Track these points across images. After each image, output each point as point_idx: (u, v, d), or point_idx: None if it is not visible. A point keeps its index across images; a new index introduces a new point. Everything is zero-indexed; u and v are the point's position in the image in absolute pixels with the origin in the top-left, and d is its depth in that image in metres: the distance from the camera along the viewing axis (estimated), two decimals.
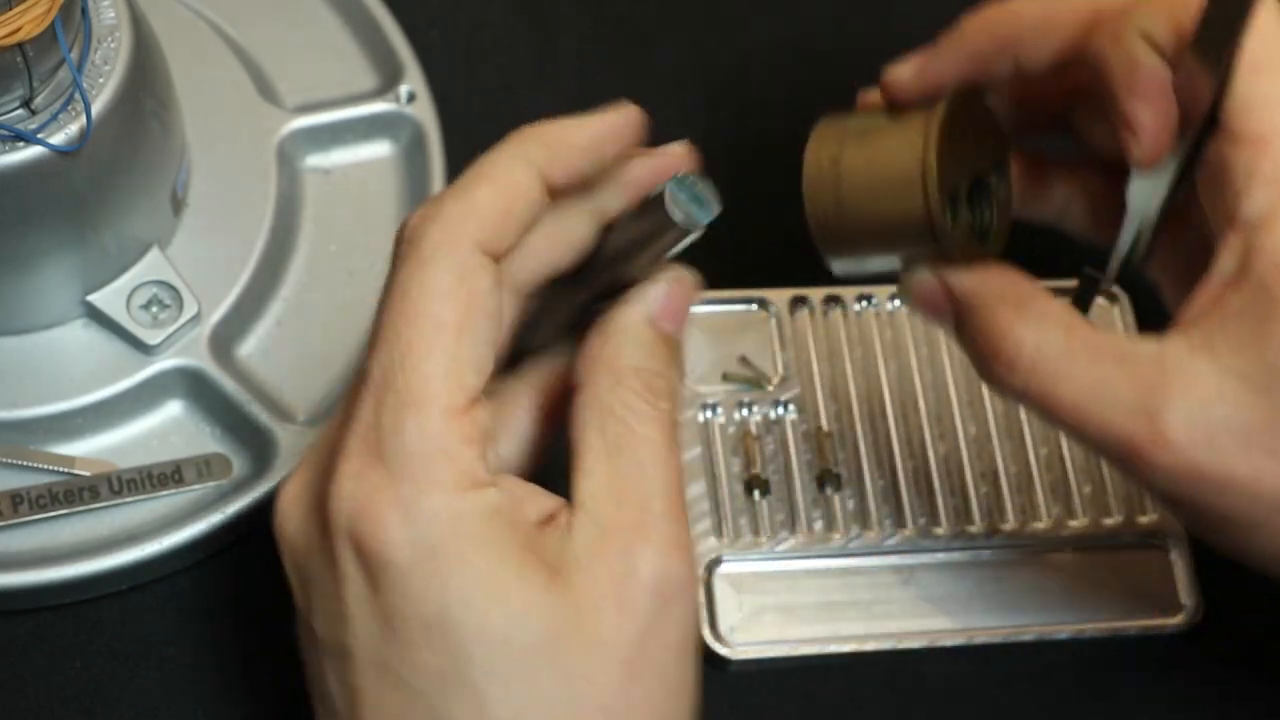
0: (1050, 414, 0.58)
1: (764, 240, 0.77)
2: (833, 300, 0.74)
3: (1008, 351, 0.58)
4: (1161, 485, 0.57)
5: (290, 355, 0.71)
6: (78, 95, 0.63)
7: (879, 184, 0.59)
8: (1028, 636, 0.68)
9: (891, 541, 0.70)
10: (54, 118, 0.63)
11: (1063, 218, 0.65)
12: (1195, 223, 0.60)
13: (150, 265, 0.69)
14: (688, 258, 0.60)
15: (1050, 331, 0.58)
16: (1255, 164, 0.55)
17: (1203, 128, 0.57)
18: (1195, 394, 0.55)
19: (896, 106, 0.62)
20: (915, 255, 0.60)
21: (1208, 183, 0.57)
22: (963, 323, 0.60)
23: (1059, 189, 0.65)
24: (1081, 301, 0.66)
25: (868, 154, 0.60)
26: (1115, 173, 0.61)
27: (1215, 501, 0.56)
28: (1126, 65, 0.57)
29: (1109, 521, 0.71)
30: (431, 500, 0.52)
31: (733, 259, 0.76)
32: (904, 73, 0.61)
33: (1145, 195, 0.60)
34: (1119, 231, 0.61)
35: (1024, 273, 0.60)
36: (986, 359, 0.59)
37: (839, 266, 0.62)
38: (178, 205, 0.71)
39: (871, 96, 0.63)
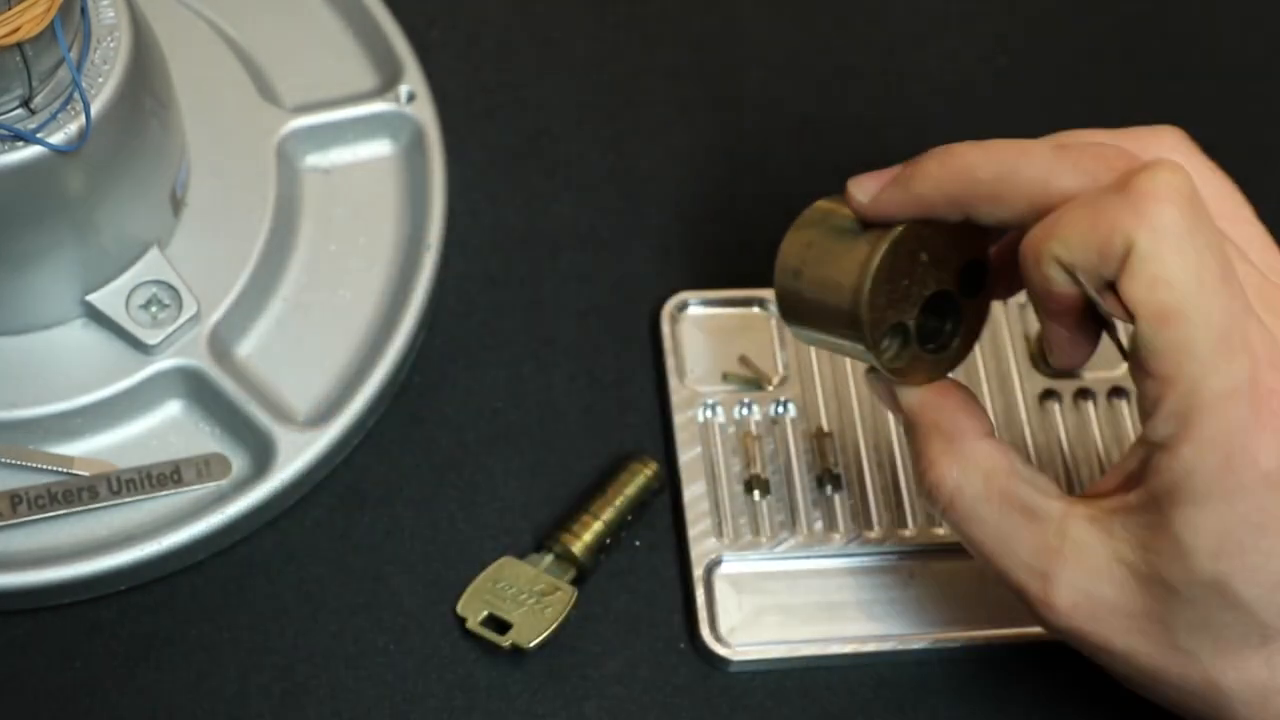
0: (962, 543, 0.62)
1: (764, 240, 0.77)
2: None
3: (931, 480, 0.62)
4: (1050, 634, 0.61)
5: (290, 355, 0.71)
6: (77, 95, 0.63)
7: (829, 308, 0.62)
8: (1029, 637, 0.68)
9: (892, 541, 0.70)
10: (53, 117, 0.63)
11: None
12: None
13: (149, 265, 0.69)
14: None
15: (971, 475, 0.61)
16: (1162, 397, 0.56)
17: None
18: (1085, 568, 0.59)
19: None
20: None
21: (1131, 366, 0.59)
22: (906, 431, 0.64)
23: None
24: None
25: (821, 275, 0.62)
26: None
27: (1094, 657, 0.61)
28: (1041, 287, 0.59)
29: None
30: None
31: (733, 259, 0.76)
32: (860, 195, 0.62)
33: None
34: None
35: (965, 397, 0.63)
36: (917, 473, 0.63)
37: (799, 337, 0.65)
38: (177, 205, 0.70)
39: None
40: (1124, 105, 0.82)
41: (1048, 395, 0.73)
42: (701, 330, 0.74)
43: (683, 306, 0.74)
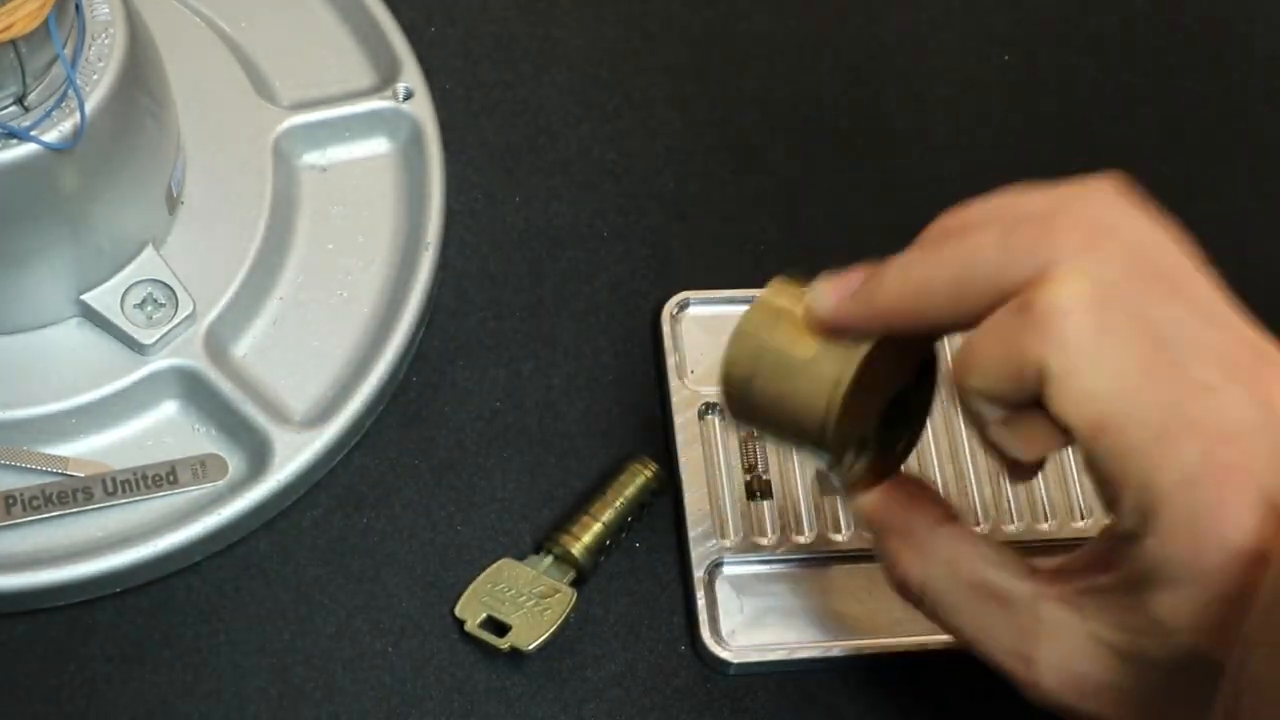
0: (944, 631, 0.62)
1: (765, 239, 0.76)
2: None
3: (897, 578, 0.62)
4: (1044, 708, 0.60)
5: (287, 355, 0.71)
6: (71, 92, 0.63)
7: (788, 425, 0.61)
8: None
9: None
10: (47, 115, 0.63)
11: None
12: None
13: (145, 264, 0.69)
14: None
15: (936, 568, 0.61)
16: (1118, 497, 0.56)
17: None
18: (1064, 648, 0.59)
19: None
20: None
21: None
22: (867, 531, 0.64)
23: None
24: None
25: (779, 390, 0.60)
26: None
27: None
28: (976, 420, 0.59)
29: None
30: None
31: (733, 258, 0.76)
32: (822, 307, 0.60)
33: None
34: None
35: (917, 489, 0.63)
36: (885, 572, 0.63)
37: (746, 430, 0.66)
38: (172, 203, 0.70)
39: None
40: (1126, 103, 0.82)
41: None
42: (702, 330, 0.73)
43: (683, 306, 0.74)
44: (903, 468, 0.63)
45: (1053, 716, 0.60)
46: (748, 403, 0.61)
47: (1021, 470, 0.61)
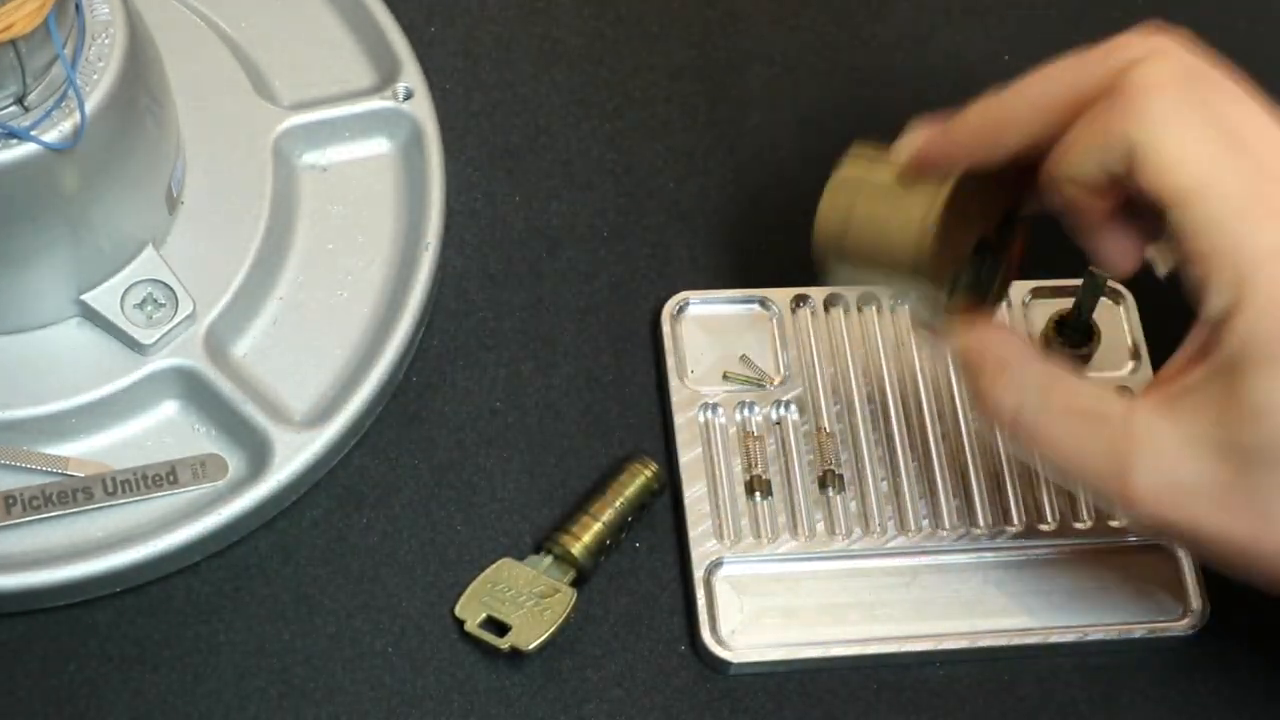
0: (1037, 462, 0.64)
1: (765, 239, 0.76)
2: (835, 299, 0.74)
3: (990, 407, 0.63)
4: (1141, 531, 0.62)
5: (287, 355, 0.71)
6: (71, 92, 0.63)
7: (883, 266, 0.64)
8: (1032, 639, 0.68)
9: (894, 543, 0.70)
10: (47, 115, 0.63)
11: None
12: None
13: (145, 264, 0.69)
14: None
15: (1027, 395, 0.62)
16: (1208, 274, 0.58)
17: None
18: (1160, 455, 0.59)
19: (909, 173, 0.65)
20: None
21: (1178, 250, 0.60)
22: (959, 370, 0.65)
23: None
24: (1086, 301, 0.68)
25: (873, 234, 0.64)
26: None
27: (1190, 548, 0.61)
28: (1069, 208, 0.61)
29: (1115, 523, 0.70)
30: None
31: (733, 258, 0.76)
32: (911, 145, 0.64)
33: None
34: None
35: (1010, 332, 0.65)
36: (977, 407, 0.64)
37: (837, 281, 0.67)
38: (172, 203, 0.70)
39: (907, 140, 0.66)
40: None
41: None
42: (702, 330, 0.73)
43: (683, 306, 0.74)
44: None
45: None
46: (844, 243, 0.65)
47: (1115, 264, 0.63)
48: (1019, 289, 0.74)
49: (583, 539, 0.68)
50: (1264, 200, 0.57)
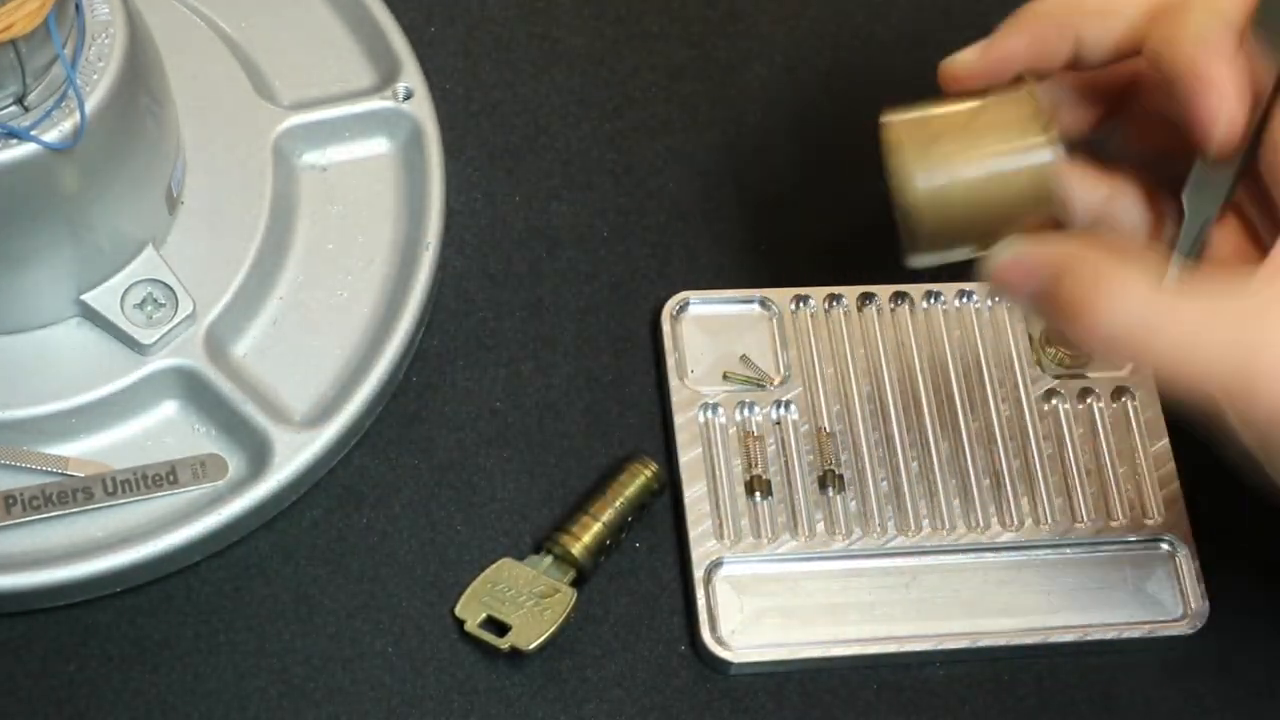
0: (1146, 370, 0.61)
1: (765, 239, 0.76)
2: (835, 299, 0.74)
3: (1087, 324, 0.58)
4: (1256, 433, 0.57)
5: (287, 355, 0.71)
6: (71, 92, 0.63)
7: (994, 172, 0.61)
8: (1032, 639, 0.68)
9: (894, 543, 0.70)
10: (47, 115, 0.63)
11: (1106, 216, 0.65)
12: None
13: (145, 264, 0.69)
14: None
15: (1135, 302, 0.58)
16: None
17: (1264, 114, 0.58)
18: None
19: (962, 96, 0.62)
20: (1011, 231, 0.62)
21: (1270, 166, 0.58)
22: (1051, 292, 0.59)
23: (1104, 185, 0.65)
24: None
25: (975, 144, 0.61)
26: (1164, 171, 0.62)
27: None
28: (1188, 60, 0.58)
29: (1115, 524, 0.70)
30: None
31: (733, 258, 0.76)
32: (968, 56, 0.62)
33: (1205, 197, 0.61)
34: (1177, 233, 0.61)
35: (1099, 244, 0.61)
36: (1072, 329, 0.59)
37: (924, 261, 0.64)
38: (172, 203, 0.70)
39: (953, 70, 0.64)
40: None
41: (1051, 394, 0.73)
42: (702, 330, 0.73)
43: (683, 306, 0.74)
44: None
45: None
46: (951, 174, 0.61)
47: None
48: None
49: (583, 539, 0.68)
50: None
